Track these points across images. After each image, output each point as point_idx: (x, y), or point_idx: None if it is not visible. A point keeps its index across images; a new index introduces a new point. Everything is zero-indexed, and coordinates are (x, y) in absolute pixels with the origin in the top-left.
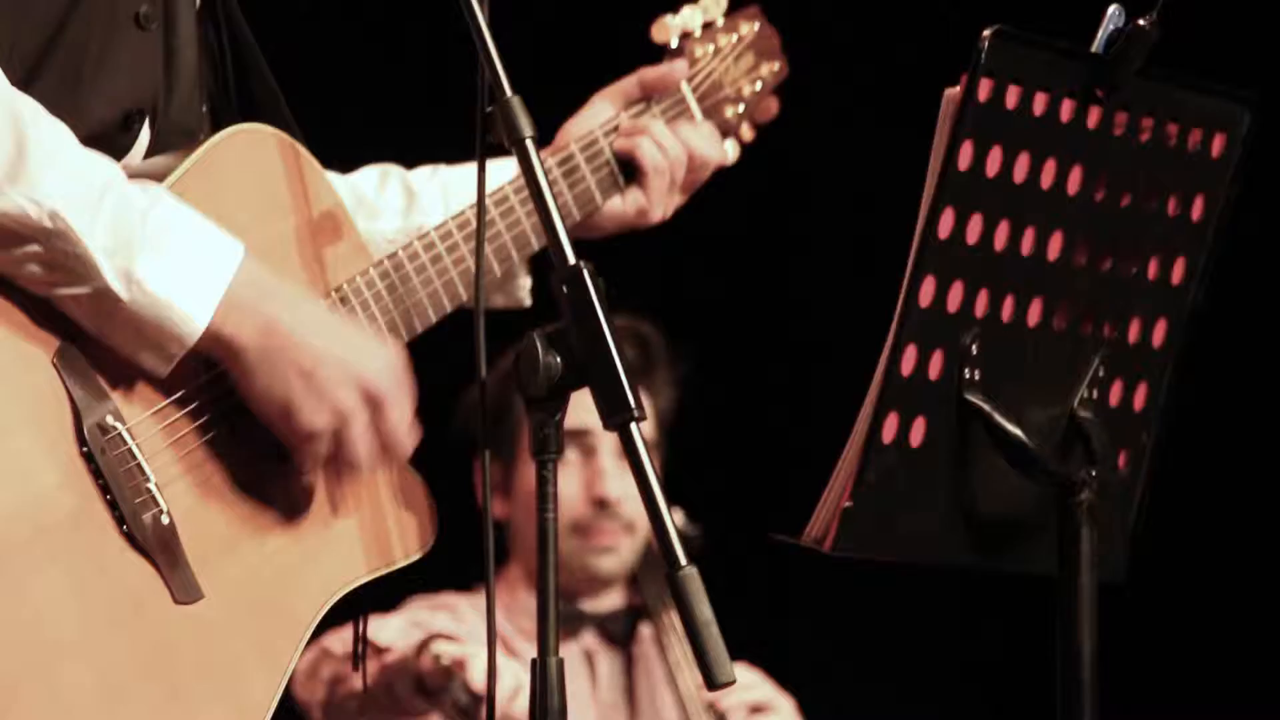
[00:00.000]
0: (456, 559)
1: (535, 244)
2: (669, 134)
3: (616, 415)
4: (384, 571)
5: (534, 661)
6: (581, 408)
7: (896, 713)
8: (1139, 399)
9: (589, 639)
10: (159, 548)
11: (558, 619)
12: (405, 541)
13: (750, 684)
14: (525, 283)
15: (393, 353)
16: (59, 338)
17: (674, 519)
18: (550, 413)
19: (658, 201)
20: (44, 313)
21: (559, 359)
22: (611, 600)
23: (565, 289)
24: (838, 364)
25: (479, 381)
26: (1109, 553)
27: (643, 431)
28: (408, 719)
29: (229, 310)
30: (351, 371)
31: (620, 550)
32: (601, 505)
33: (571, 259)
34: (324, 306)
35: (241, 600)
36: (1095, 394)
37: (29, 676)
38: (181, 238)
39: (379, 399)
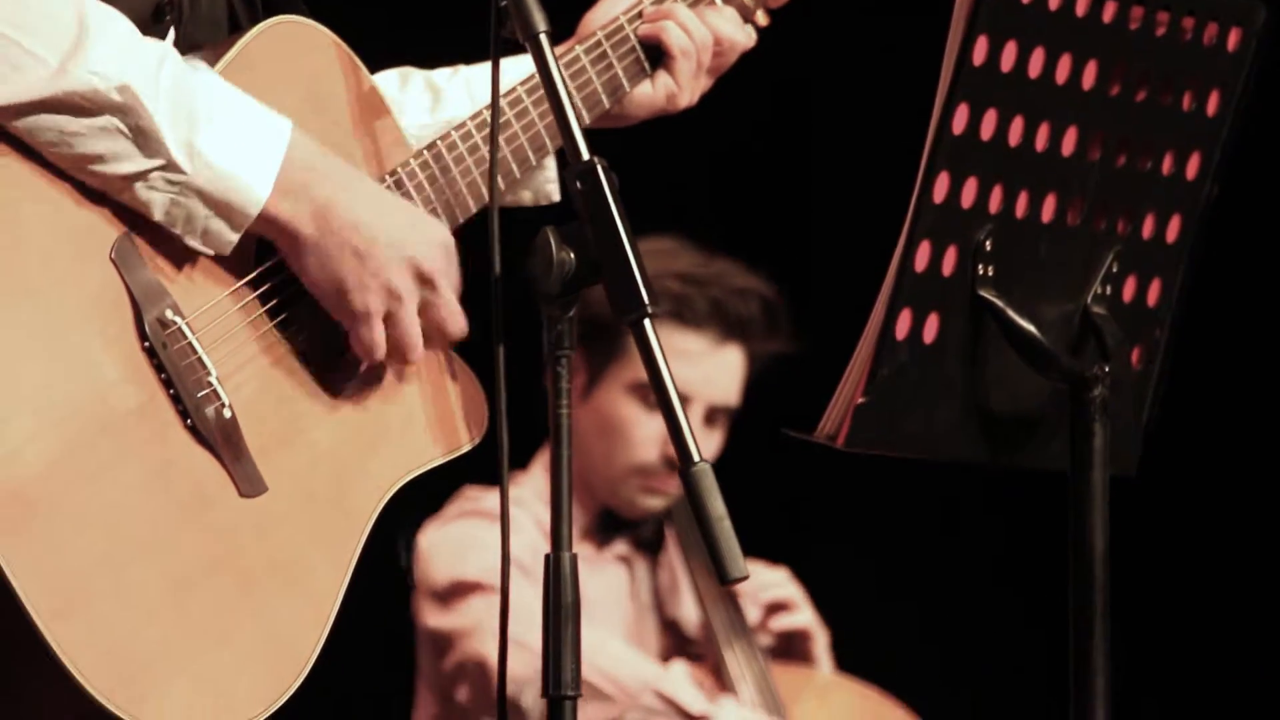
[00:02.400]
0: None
1: (552, 146)
2: (694, 17)
3: (630, 311)
4: (449, 457)
5: (547, 556)
6: (684, 366)
7: (912, 609)
8: (1153, 294)
9: (622, 545)
10: (222, 441)
11: (570, 514)
12: (467, 428)
13: (771, 583)
14: (552, 175)
15: (445, 231)
16: (114, 234)
17: (687, 416)
18: (564, 309)
19: (686, 85)
20: (99, 209)
21: (573, 255)
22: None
23: (579, 185)
24: (852, 260)
25: (494, 285)
26: (1121, 447)
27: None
28: None
29: (284, 193)
30: (405, 252)
31: (672, 494)
32: (672, 465)
33: (585, 155)
34: (377, 185)
35: (304, 491)
36: (1109, 289)
37: (102, 572)
38: (234, 112)
39: (431, 279)
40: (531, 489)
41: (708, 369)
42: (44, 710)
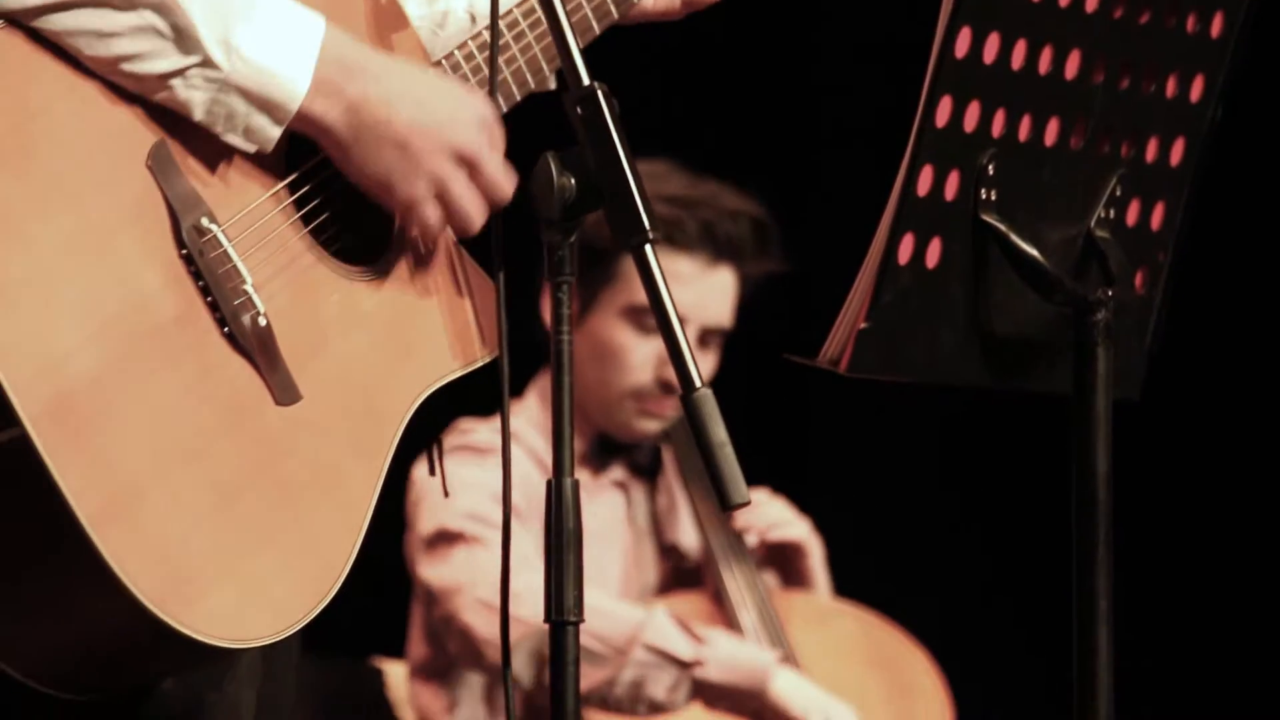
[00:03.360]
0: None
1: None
2: None
3: (632, 236)
4: (467, 370)
5: (549, 482)
6: (676, 288)
7: (912, 534)
8: (1156, 218)
9: (618, 471)
10: (259, 349)
11: (572, 441)
12: (485, 340)
13: (762, 500)
14: None
15: (480, 103)
16: (150, 140)
17: (689, 342)
18: (565, 235)
19: None
20: (134, 116)
21: (573, 180)
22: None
23: (579, 110)
24: (853, 183)
25: (496, 215)
26: (1125, 371)
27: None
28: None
29: (318, 91)
30: (443, 138)
31: (667, 417)
32: (666, 388)
33: (586, 80)
34: (411, 69)
35: (337, 399)
36: (1112, 213)
37: (149, 478)
38: (269, 8)
39: (473, 158)
40: (526, 418)
41: (700, 291)
42: (90, 620)
